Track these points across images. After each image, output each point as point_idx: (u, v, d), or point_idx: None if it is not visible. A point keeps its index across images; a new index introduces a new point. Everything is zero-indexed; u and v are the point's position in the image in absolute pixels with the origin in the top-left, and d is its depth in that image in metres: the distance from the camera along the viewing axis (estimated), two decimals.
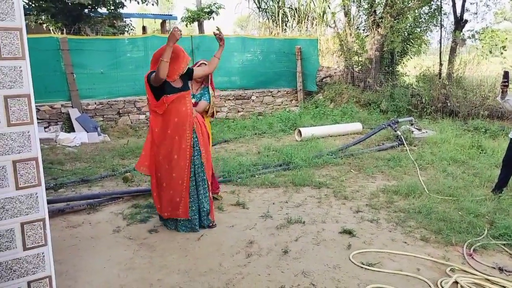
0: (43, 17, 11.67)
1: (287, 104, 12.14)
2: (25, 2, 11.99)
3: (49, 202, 4.70)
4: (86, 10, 12.08)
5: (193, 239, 3.84)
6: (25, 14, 11.89)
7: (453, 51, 10.74)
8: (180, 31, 3.57)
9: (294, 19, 17.47)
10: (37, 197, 2.21)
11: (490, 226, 4.01)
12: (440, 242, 3.72)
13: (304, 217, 4.28)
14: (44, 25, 12.02)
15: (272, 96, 12.00)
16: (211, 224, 4.07)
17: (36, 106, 8.77)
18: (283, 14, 17.60)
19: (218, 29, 4.21)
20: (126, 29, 14.83)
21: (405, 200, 4.83)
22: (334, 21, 13.28)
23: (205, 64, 4.34)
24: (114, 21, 13.53)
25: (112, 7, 12.43)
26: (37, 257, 2.24)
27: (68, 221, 4.36)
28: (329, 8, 14.35)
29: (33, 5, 11.71)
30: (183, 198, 3.90)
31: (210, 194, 4.11)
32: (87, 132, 8.72)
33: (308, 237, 3.83)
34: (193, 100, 4.27)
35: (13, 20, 2.07)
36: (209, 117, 4.62)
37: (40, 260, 2.25)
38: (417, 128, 8.25)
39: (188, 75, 3.93)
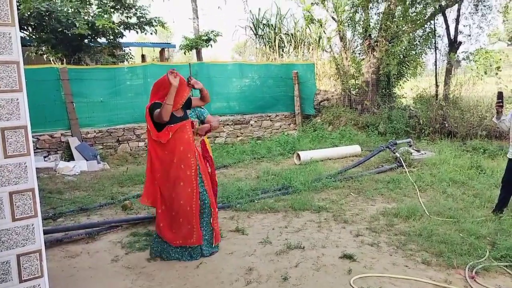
0: (43, 48, 11.84)
1: (285, 128, 12.20)
2: (26, 34, 12.21)
3: (47, 232, 4.67)
4: (86, 40, 12.27)
5: (192, 267, 3.80)
6: (26, 45, 12.16)
7: (448, 72, 10.88)
8: (176, 73, 3.65)
9: (290, 44, 17.72)
10: (33, 228, 2.20)
11: (491, 247, 3.98)
12: (442, 265, 3.68)
13: (303, 242, 4.25)
14: (45, 56, 12.19)
15: (271, 120, 12.07)
16: (212, 252, 4.03)
17: (36, 135, 8.88)
18: (279, 40, 17.87)
19: (189, 78, 3.92)
20: (125, 57, 15.03)
21: (406, 222, 4.80)
22: (330, 45, 13.48)
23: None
24: (114, 50, 13.73)
25: (112, 37, 12.63)
26: None
27: (66, 251, 4.32)
28: (325, 33, 14.56)
29: (33, 36, 11.91)
30: (194, 225, 3.88)
31: (217, 220, 4.10)
32: (87, 160, 8.73)
33: (308, 262, 3.79)
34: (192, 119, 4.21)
35: (10, 53, 2.11)
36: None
37: None
38: (415, 150, 8.27)
39: (187, 105, 3.99)
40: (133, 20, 13.24)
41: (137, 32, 13.55)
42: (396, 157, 7.75)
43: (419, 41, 11.70)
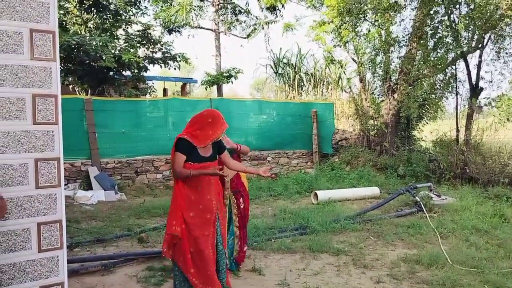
0: (70, 79, 12.24)
1: (302, 166, 12.17)
2: None
3: None
4: (111, 73, 12.67)
5: None
6: None
7: (469, 117, 10.81)
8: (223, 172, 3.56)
9: (310, 83, 17.98)
10: (58, 260, 2.21)
11: None
12: None
13: (322, 286, 4.14)
14: (70, 86, 12.59)
15: (288, 157, 12.08)
16: None
17: None
18: (299, 79, 18.16)
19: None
20: (148, 91, 15.41)
21: (428, 270, 4.65)
22: (350, 86, 13.61)
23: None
24: (137, 83, 14.11)
25: (136, 70, 13.03)
26: None
27: (82, 282, 4.29)
28: (345, 74, 14.78)
29: (61, 67, 12.35)
30: (213, 271, 3.62)
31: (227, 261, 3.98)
32: (105, 190, 8.80)
33: None
34: None
35: (50, 87, 2.20)
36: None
37: None
38: (436, 194, 8.10)
39: (219, 148, 3.76)
40: (158, 55, 13.67)
41: (161, 67, 13.96)
42: (416, 201, 7.59)
43: (439, 85, 11.72)
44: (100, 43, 11.29)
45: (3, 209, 2.00)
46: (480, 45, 10.84)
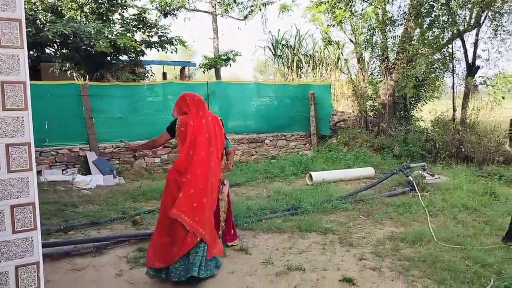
0: (67, 65, 12.26)
1: (300, 148, 12.22)
2: (52, 51, 12.68)
3: (56, 244, 4.81)
4: (108, 58, 12.67)
5: (192, 285, 3.83)
6: (51, 61, 12.61)
7: (466, 96, 10.77)
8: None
9: (309, 65, 17.88)
10: (32, 240, 2.30)
11: (497, 276, 3.89)
12: None
13: (305, 264, 4.24)
14: (68, 72, 12.62)
15: (286, 139, 12.13)
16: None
17: (55, 149, 9.15)
18: (298, 60, 18.05)
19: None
20: (146, 75, 15.41)
21: (412, 248, 4.74)
22: (348, 67, 13.54)
23: None
24: (135, 68, 14.11)
25: (133, 55, 13.01)
26: None
27: (74, 263, 4.42)
28: (342, 54, 14.68)
29: (58, 53, 12.37)
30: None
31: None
32: (103, 174, 8.92)
33: (307, 285, 3.79)
34: None
35: (18, 74, 2.25)
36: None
37: None
38: (429, 174, 8.16)
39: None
40: (154, 38, 13.62)
41: (158, 50, 13.91)
42: (409, 181, 7.65)
43: (437, 65, 11.64)
44: (96, 28, 11.28)
45: None
46: (477, 23, 10.72)
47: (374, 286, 3.76)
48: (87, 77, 12.48)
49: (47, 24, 11.07)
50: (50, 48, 12.64)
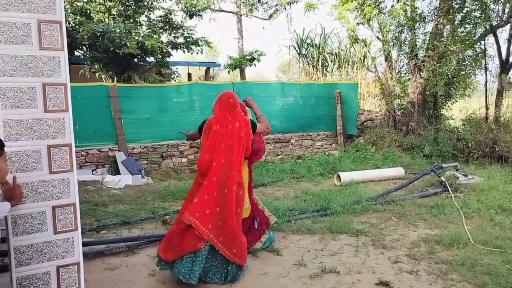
0: (96, 66, 12.50)
1: (326, 148, 12.09)
2: (81, 53, 12.96)
3: (90, 244, 4.87)
4: (135, 59, 12.85)
5: (226, 286, 3.81)
6: (80, 63, 12.89)
7: (499, 94, 10.43)
8: None
9: (334, 64, 17.70)
10: (73, 241, 2.32)
11: None
12: None
13: (339, 266, 4.16)
14: (97, 74, 12.87)
15: (312, 139, 12.02)
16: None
17: (85, 149, 9.32)
18: (323, 59, 17.89)
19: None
20: (172, 76, 15.57)
21: (448, 250, 4.60)
22: (375, 65, 13.32)
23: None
24: (161, 69, 14.27)
25: (160, 57, 13.16)
26: None
27: (107, 263, 4.47)
28: (369, 52, 14.46)
29: (87, 55, 12.62)
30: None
31: None
32: (132, 174, 9.03)
33: None
34: None
35: (59, 76, 2.27)
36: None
37: None
38: (462, 174, 7.92)
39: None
40: (181, 40, 13.74)
41: (183, 52, 14.02)
42: (442, 181, 7.44)
43: (468, 62, 11.32)
44: (124, 30, 11.44)
45: (20, 197, 2.12)
46: (510, 18, 10.36)
47: None
48: (115, 78, 12.68)
49: (76, 26, 11.31)
50: (79, 51, 12.90)
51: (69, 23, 11.98)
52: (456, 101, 12.27)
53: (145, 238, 5.11)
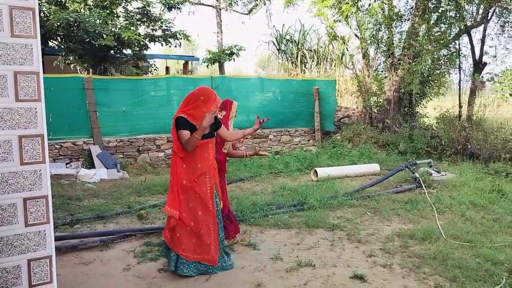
0: (71, 58, 12.21)
1: (304, 144, 12.18)
2: (55, 44, 12.62)
3: (63, 238, 4.77)
4: (112, 51, 12.61)
5: (202, 280, 3.80)
6: (55, 54, 12.56)
7: (472, 93, 10.70)
8: (214, 112, 3.67)
9: (313, 60, 17.79)
10: (45, 234, 2.26)
11: (508, 274, 3.85)
12: None
13: (315, 260, 4.21)
14: (72, 65, 12.57)
15: (290, 135, 12.08)
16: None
17: (59, 142, 9.11)
18: (302, 55, 17.96)
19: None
20: (150, 69, 15.36)
21: (421, 245, 4.70)
22: (353, 62, 13.46)
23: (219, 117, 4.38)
24: (138, 62, 14.05)
25: (137, 49, 12.96)
26: None
27: (81, 257, 4.39)
28: (347, 50, 14.60)
29: (62, 46, 12.30)
30: (213, 243, 3.82)
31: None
32: (107, 168, 8.89)
33: (318, 281, 3.75)
34: None
35: (31, 64, 2.20)
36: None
37: None
38: (436, 170, 8.12)
39: (216, 124, 3.93)
40: (159, 32, 13.55)
41: (162, 45, 13.84)
42: (415, 178, 7.61)
43: (443, 61, 11.57)
44: (99, 20, 11.19)
45: None
46: (484, 19, 10.63)
47: (386, 283, 3.72)
48: (91, 70, 12.42)
49: (50, 16, 11.01)
50: (54, 41, 12.57)
51: (43, 13, 11.64)
52: (431, 100, 12.53)
53: (120, 232, 5.04)
